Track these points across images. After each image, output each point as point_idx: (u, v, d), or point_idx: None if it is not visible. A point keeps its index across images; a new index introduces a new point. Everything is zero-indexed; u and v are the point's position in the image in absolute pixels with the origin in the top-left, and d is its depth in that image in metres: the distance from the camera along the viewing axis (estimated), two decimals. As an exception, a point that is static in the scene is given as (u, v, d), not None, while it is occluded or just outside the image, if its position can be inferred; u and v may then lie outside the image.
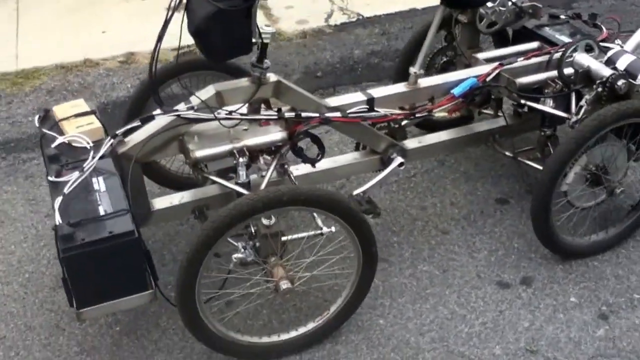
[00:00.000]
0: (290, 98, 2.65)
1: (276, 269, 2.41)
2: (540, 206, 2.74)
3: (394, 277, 2.89)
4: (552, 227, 2.82)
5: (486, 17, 3.20)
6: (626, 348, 2.63)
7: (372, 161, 2.91)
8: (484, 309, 2.77)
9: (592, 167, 2.81)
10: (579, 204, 2.88)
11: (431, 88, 2.98)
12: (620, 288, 2.87)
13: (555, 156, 2.68)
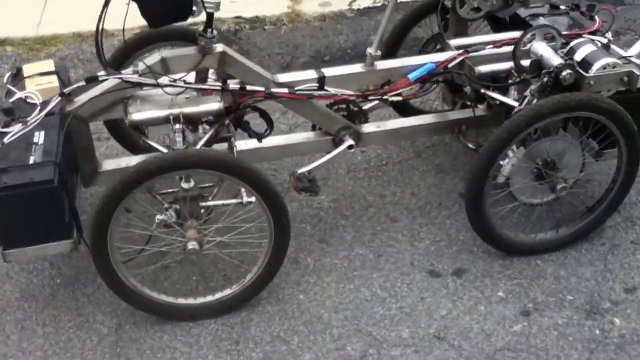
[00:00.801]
0: (237, 70, 2.80)
1: (190, 231, 2.59)
2: (472, 195, 2.77)
3: (327, 257, 3.00)
4: (487, 218, 2.83)
5: (467, 3, 3.20)
6: (538, 345, 2.62)
7: (324, 142, 3.01)
8: (406, 294, 2.84)
9: (538, 161, 2.80)
10: (523, 199, 2.87)
11: (388, 71, 3.04)
12: (555, 288, 2.85)
13: (487, 145, 2.70)
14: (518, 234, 2.97)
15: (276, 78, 2.88)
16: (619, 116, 2.70)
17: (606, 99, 2.68)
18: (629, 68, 2.71)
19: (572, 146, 2.80)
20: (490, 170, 2.71)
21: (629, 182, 2.89)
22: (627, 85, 2.72)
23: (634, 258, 2.96)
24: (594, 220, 2.98)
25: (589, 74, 2.67)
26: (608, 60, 2.68)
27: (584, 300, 2.79)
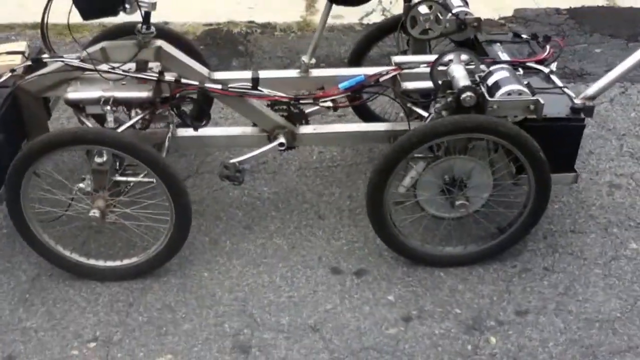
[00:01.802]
0: (172, 64, 3.06)
1: (98, 200, 2.86)
2: (371, 202, 2.88)
3: (245, 242, 3.19)
4: (389, 225, 2.93)
5: (419, 24, 3.31)
6: (405, 350, 2.71)
7: (258, 137, 3.20)
8: (302, 286, 2.98)
9: (446, 177, 2.88)
10: (431, 211, 2.96)
11: (321, 78, 3.23)
12: (446, 300, 2.91)
13: (383, 157, 2.81)
14: (424, 245, 3.03)
15: (212, 75, 3.11)
16: (521, 141, 2.74)
17: (507, 124, 2.73)
18: (535, 97, 2.74)
19: (481, 167, 2.85)
20: (388, 180, 2.82)
21: (539, 209, 2.91)
22: (534, 113, 2.76)
23: (539, 284, 2.97)
24: (504, 241, 3.01)
25: (493, 99, 2.73)
26: (513, 87, 2.74)
27: (470, 315, 2.84)
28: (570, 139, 2.90)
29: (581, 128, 2.87)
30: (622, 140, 3.83)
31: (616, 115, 4.04)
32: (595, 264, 3.06)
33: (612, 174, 3.58)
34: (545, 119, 2.85)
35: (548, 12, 5.08)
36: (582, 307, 2.87)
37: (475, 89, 2.74)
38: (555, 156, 2.92)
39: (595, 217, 3.31)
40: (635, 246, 3.16)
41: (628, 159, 3.69)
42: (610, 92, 4.22)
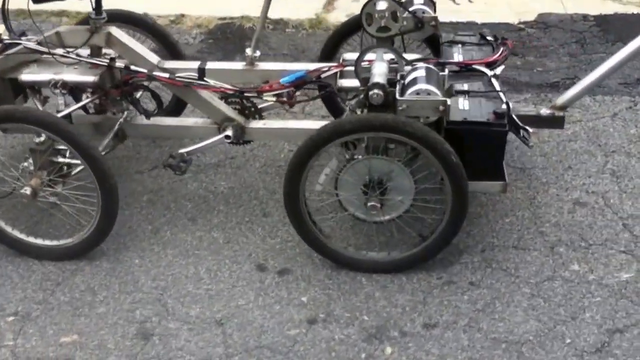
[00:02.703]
0: (123, 51, 3.21)
1: (33, 179, 3.04)
2: (285, 199, 2.91)
3: (184, 233, 3.29)
4: (307, 223, 2.95)
5: (375, 21, 3.30)
6: (299, 352, 2.73)
7: (210, 129, 3.29)
8: (223, 280, 3.05)
9: (367, 177, 2.87)
10: (352, 211, 2.95)
11: (266, 72, 3.28)
12: (358, 306, 2.90)
13: (294, 154, 2.84)
14: (347, 248, 3.03)
15: (162, 63, 3.21)
16: (430, 143, 2.68)
17: (415, 124, 2.68)
18: (444, 98, 2.68)
19: (400, 170, 2.81)
20: (302, 176, 2.83)
21: (458, 216, 2.84)
22: (443, 114, 2.70)
23: (459, 298, 2.90)
24: (427, 250, 2.95)
25: (402, 98, 2.69)
26: (422, 86, 2.69)
27: (376, 323, 2.81)
28: (491, 144, 2.81)
29: (503, 134, 2.77)
30: (609, 157, 3.64)
31: (613, 131, 3.83)
32: (527, 282, 2.95)
33: (583, 191, 3.42)
34: (465, 122, 2.77)
35: (574, 18, 4.86)
36: (494, 326, 2.77)
37: (383, 87, 2.71)
38: (479, 162, 2.85)
39: (546, 235, 3.18)
40: (577, 268, 3.01)
41: (607, 176, 3.51)
42: (616, 105, 4.03)
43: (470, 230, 3.21)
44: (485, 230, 3.21)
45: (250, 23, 4.94)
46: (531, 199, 3.39)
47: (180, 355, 2.72)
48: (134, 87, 3.24)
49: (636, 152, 3.67)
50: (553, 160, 3.63)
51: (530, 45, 4.61)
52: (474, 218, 3.27)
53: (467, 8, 5.02)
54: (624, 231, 3.18)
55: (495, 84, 2.97)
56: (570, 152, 3.68)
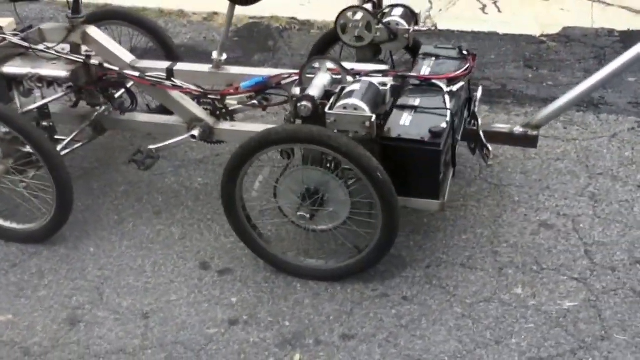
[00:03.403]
0: (97, 49, 3.35)
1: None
2: (222, 202, 2.95)
3: (146, 226, 3.37)
4: (245, 226, 2.97)
5: (350, 31, 3.31)
6: (210, 351, 2.75)
7: (177, 127, 3.38)
8: (164, 274, 3.11)
9: (305, 187, 2.88)
10: (293, 218, 2.96)
11: (230, 76, 3.33)
12: (284, 311, 2.89)
13: (229, 161, 2.86)
14: (286, 253, 3.03)
15: (135, 62, 3.32)
16: (355, 157, 2.65)
17: (341, 138, 2.64)
18: (370, 114, 2.64)
19: (335, 182, 2.79)
20: (237, 180, 2.86)
21: (388, 230, 2.78)
22: (369, 130, 2.66)
23: (387, 311, 2.85)
24: (362, 262, 2.91)
25: (330, 111, 2.68)
26: (350, 101, 2.66)
27: (295, 330, 2.80)
28: (425, 163, 2.73)
29: (436, 153, 2.69)
30: (593, 180, 3.46)
31: (607, 152, 3.64)
32: (461, 302, 2.85)
33: (554, 213, 3.27)
34: (399, 139, 2.72)
35: (599, 33, 4.64)
36: (412, 343, 2.70)
37: (312, 99, 2.69)
38: (414, 180, 2.78)
39: (499, 255, 3.06)
40: (520, 292, 2.89)
41: (585, 199, 3.34)
42: (619, 126, 3.83)
43: (423, 244, 3.13)
44: (438, 246, 3.12)
45: (278, 23, 5.00)
46: (497, 217, 3.26)
47: (99, 343, 2.80)
48: (109, 84, 3.35)
49: (624, 175, 3.46)
50: (532, 179, 3.48)
51: (546, 59, 4.43)
52: (431, 232, 3.20)
53: (493, 18, 4.89)
54: (583, 258, 3.02)
55: (447, 101, 2.88)
56: (553, 172, 3.51)
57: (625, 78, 4.22)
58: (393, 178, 2.77)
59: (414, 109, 2.89)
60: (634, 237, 3.12)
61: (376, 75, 3.07)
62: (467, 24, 4.74)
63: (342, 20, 3.26)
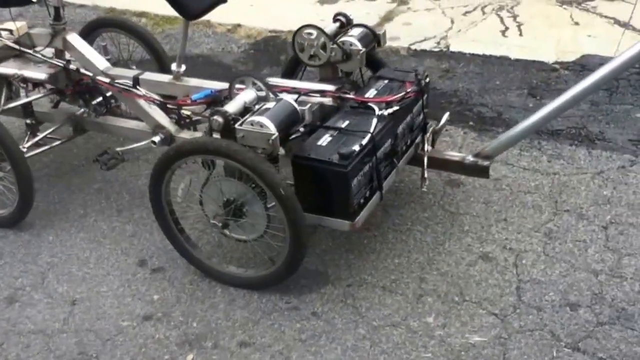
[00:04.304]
0: (75, 55, 3.63)
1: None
2: (152, 207, 3.11)
3: (104, 221, 3.58)
4: (172, 229, 3.13)
5: (306, 50, 3.41)
6: (116, 342, 2.91)
7: (143, 133, 3.57)
8: (104, 267, 3.29)
9: (226, 197, 2.99)
10: (213, 222, 3.07)
11: (187, 87, 3.49)
12: (197, 313, 3.00)
13: (153, 167, 3.00)
14: (210, 258, 3.15)
15: (109, 69, 3.57)
16: (259, 172, 2.73)
17: (246, 152, 2.72)
18: (272, 132, 2.72)
19: (252, 195, 2.88)
20: (160, 186, 3.00)
21: (296, 246, 2.84)
22: (273, 147, 2.74)
23: (291, 325, 2.91)
24: (276, 274, 2.98)
25: (239, 127, 2.78)
26: (256, 118, 2.74)
27: (199, 332, 2.92)
28: (333, 184, 2.77)
29: (343, 175, 2.73)
30: (557, 217, 3.36)
31: (584, 190, 3.53)
32: (368, 324, 2.87)
33: (500, 246, 3.21)
34: (307, 158, 2.79)
35: (620, 66, 4.44)
36: (303, 358, 2.76)
37: (224, 114, 2.80)
38: (324, 199, 2.84)
39: (425, 282, 3.05)
40: (431, 321, 2.87)
41: (540, 235, 3.26)
42: (609, 163, 3.70)
43: (353, 263, 3.16)
44: (367, 267, 3.14)
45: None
46: (439, 244, 3.24)
47: (24, 322, 3.02)
48: (86, 88, 3.60)
49: (592, 215, 3.34)
50: (492, 210, 3.42)
51: (553, 88, 4.30)
52: (365, 252, 3.22)
53: (510, 42, 4.80)
54: (512, 294, 2.96)
55: (373, 124, 2.92)
56: (517, 205, 3.44)
57: (634, 114, 4.04)
58: (306, 195, 2.83)
59: (338, 130, 2.93)
60: (575, 279, 3.00)
61: (315, 95, 3.13)
62: (481, 46, 4.68)
63: (299, 39, 3.33)
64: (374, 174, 2.94)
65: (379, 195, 3.01)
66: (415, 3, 5.48)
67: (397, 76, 3.31)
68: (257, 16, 5.40)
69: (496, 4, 5.35)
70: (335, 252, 3.21)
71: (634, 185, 3.51)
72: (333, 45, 3.27)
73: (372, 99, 3.07)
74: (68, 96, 3.68)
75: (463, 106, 4.26)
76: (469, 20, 5.10)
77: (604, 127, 3.96)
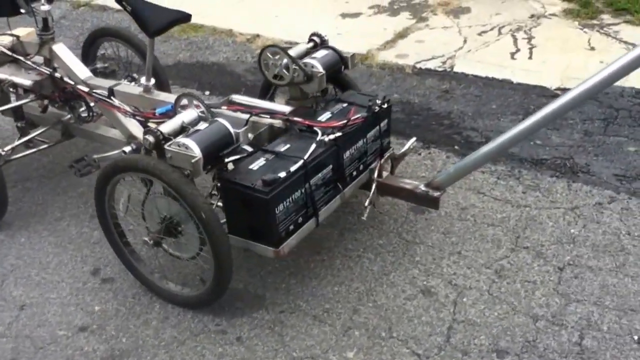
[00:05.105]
0: (60, 65, 3.74)
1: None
2: (99, 221, 3.17)
3: (74, 226, 3.65)
4: (117, 242, 3.17)
5: (270, 70, 3.39)
6: (47, 352, 2.99)
7: (119, 142, 3.64)
8: (60, 273, 3.36)
9: (162, 214, 3.01)
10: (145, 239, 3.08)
11: (154, 100, 3.54)
12: (129, 328, 3.03)
13: (95, 183, 3.05)
14: (153, 273, 3.18)
15: (89, 79, 3.65)
16: (182, 195, 2.73)
17: (172, 174, 2.71)
18: (193, 155, 2.71)
19: (186, 215, 2.88)
20: (103, 202, 3.05)
21: (219, 268, 2.84)
22: (194, 169, 2.73)
23: (213, 349, 2.90)
24: (206, 294, 2.98)
25: (168, 147, 2.78)
26: (182, 140, 2.74)
27: (126, 348, 2.94)
28: (255, 210, 2.74)
29: (264, 202, 2.69)
30: (514, 253, 3.23)
31: (551, 226, 3.37)
32: (288, 354, 2.84)
33: (445, 281, 3.11)
34: (230, 182, 2.77)
35: (624, 93, 4.20)
36: (212, 384, 2.74)
37: (155, 134, 2.80)
38: (250, 224, 2.82)
39: (358, 314, 2.98)
40: (351, 356, 2.82)
41: (490, 273, 3.13)
42: (588, 199, 3.53)
43: (292, 288, 3.13)
44: (305, 293, 3.10)
45: (306, 50, 5.07)
46: (384, 274, 3.16)
47: (-29, 325, 3.13)
48: (71, 95, 3.69)
49: (551, 254, 3.18)
50: (449, 241, 3.30)
51: (550, 116, 4.09)
52: (308, 278, 3.18)
53: (517, 64, 4.61)
54: (441, 335, 2.85)
55: (311, 149, 2.87)
56: (476, 237, 3.31)
57: (626, 147, 3.81)
58: (234, 219, 2.81)
59: (275, 154, 2.89)
60: (512, 323, 2.86)
61: (264, 116, 3.10)
62: (486, 68, 4.51)
63: (264, 58, 3.30)
64: (308, 200, 2.87)
65: (315, 221, 2.94)
66: (434, 20, 5.33)
67: (357, 100, 3.23)
68: (278, 27, 5.39)
69: (515, 24, 5.14)
70: (279, 275, 3.17)
71: (605, 224, 3.31)
72: (295, 66, 3.21)
73: (316, 124, 3.01)
74: (57, 102, 3.76)
75: (453, 129, 4.12)
76: (482, 41, 4.92)
77: (592, 159, 3.75)
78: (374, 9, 5.60)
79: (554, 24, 5.13)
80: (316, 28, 5.14)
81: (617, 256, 3.14)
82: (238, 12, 5.78)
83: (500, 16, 5.30)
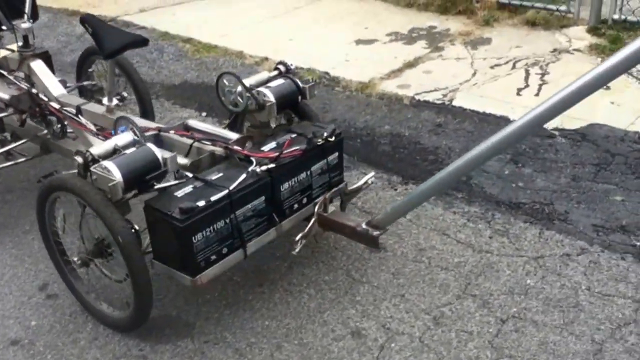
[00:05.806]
0: (36, 81, 3.91)
1: None
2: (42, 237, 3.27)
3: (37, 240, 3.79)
4: (57, 259, 3.26)
5: (226, 97, 3.43)
6: (-25, 362, 3.11)
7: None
8: (15, 285, 3.44)
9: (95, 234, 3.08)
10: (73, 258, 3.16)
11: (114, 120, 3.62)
12: (57, 346, 3.08)
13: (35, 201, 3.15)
14: (89, 293, 3.24)
15: (62, 97, 3.80)
16: (102, 217, 2.78)
17: (94, 196, 2.77)
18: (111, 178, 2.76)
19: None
20: (44, 219, 3.15)
21: (137, 293, 2.87)
22: (111, 193, 2.78)
23: (129, 373, 2.94)
24: (129, 317, 3.01)
25: (93, 169, 2.84)
26: (103, 162, 2.79)
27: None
28: (172, 237, 2.76)
29: (179, 230, 2.71)
30: (459, 300, 3.13)
31: (508, 275, 3.26)
32: (197, 386, 2.83)
33: (380, 324, 3.04)
34: (150, 207, 2.81)
35: (626, 137, 4.02)
36: (115, 410, 2.76)
37: (84, 155, 2.87)
38: (170, 251, 2.85)
39: (280, 350, 2.95)
40: (258, 394, 2.78)
41: (428, 319, 3.05)
42: (555, 249, 3.40)
43: (223, 319, 3.12)
44: (235, 325, 3.09)
45: (311, 76, 5.09)
46: (319, 312, 3.12)
47: None
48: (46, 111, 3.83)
49: (497, 304, 3.07)
50: (396, 283, 3.24)
51: (540, 156, 3.96)
52: (242, 309, 3.17)
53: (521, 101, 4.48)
54: (358, 379, 2.78)
55: (238, 180, 2.88)
56: (425, 281, 3.23)
57: (613, 196, 3.63)
58: (156, 244, 2.84)
59: (205, 182, 2.91)
60: (435, 374, 2.77)
61: (206, 142, 3.13)
62: (486, 103, 4.40)
63: (221, 85, 3.34)
64: (234, 230, 2.87)
65: (243, 253, 2.93)
66: (450, 51, 5.25)
67: (306, 131, 3.22)
68: (289, 51, 5.43)
69: (533, 58, 5.00)
70: (214, 304, 3.17)
71: (566, 277, 3.16)
72: (248, 94, 3.23)
73: (254, 154, 3.01)
74: (35, 117, 3.90)
75: (436, 165, 4.03)
76: (492, 74, 4.82)
77: (573, 206, 3.59)
78: (390, 36, 5.55)
79: (574, 60, 4.95)
80: (327, 54, 5.20)
81: (567, 312, 2.98)
82: (254, 34, 5.86)
83: (519, 49, 5.17)
